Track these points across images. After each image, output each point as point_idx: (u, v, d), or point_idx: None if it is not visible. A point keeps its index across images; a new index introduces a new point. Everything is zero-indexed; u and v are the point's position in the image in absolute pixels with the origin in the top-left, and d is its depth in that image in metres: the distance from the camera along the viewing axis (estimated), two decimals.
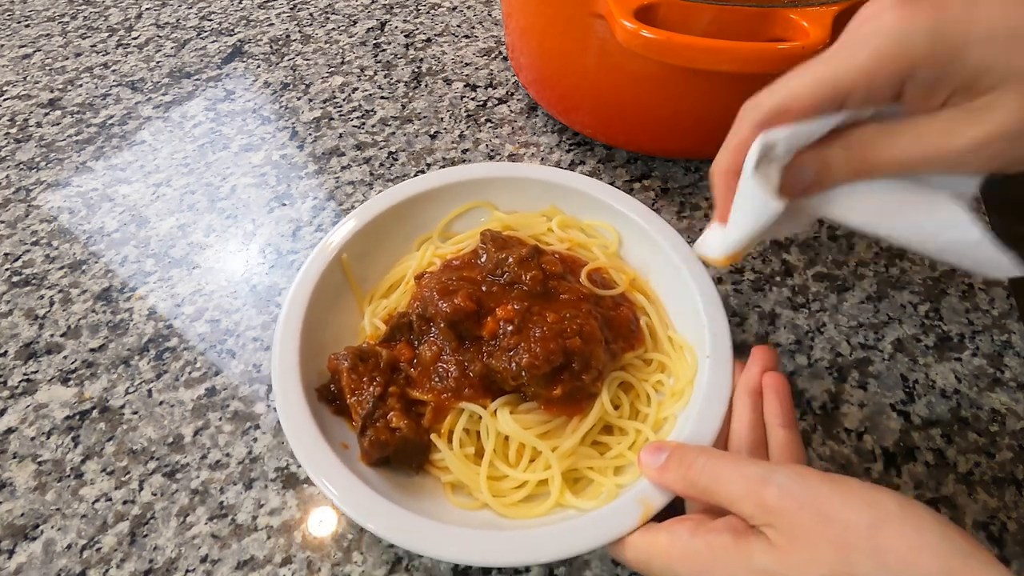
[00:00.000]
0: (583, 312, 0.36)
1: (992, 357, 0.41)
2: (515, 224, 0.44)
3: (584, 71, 0.46)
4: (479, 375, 0.35)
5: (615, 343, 0.37)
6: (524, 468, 0.34)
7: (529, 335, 0.34)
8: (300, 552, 0.35)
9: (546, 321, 0.35)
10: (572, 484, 0.34)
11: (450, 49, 0.64)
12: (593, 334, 0.35)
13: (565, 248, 0.42)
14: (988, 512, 0.35)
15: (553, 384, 0.34)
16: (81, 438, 0.39)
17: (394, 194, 0.43)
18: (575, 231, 0.44)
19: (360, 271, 0.41)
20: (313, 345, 0.36)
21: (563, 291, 0.37)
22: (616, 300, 0.40)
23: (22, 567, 0.34)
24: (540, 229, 0.44)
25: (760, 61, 0.36)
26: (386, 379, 0.35)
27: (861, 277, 0.45)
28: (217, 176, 0.54)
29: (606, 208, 0.43)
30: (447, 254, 0.42)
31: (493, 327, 0.35)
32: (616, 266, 0.42)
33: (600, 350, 0.35)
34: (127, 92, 0.61)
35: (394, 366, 0.36)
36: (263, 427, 0.39)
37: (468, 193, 0.44)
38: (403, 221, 0.43)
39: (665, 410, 0.36)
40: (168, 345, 0.43)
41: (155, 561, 0.34)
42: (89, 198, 0.52)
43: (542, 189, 0.44)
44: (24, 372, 0.42)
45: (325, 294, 0.39)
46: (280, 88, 0.61)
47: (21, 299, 0.46)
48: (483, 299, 0.36)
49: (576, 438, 0.34)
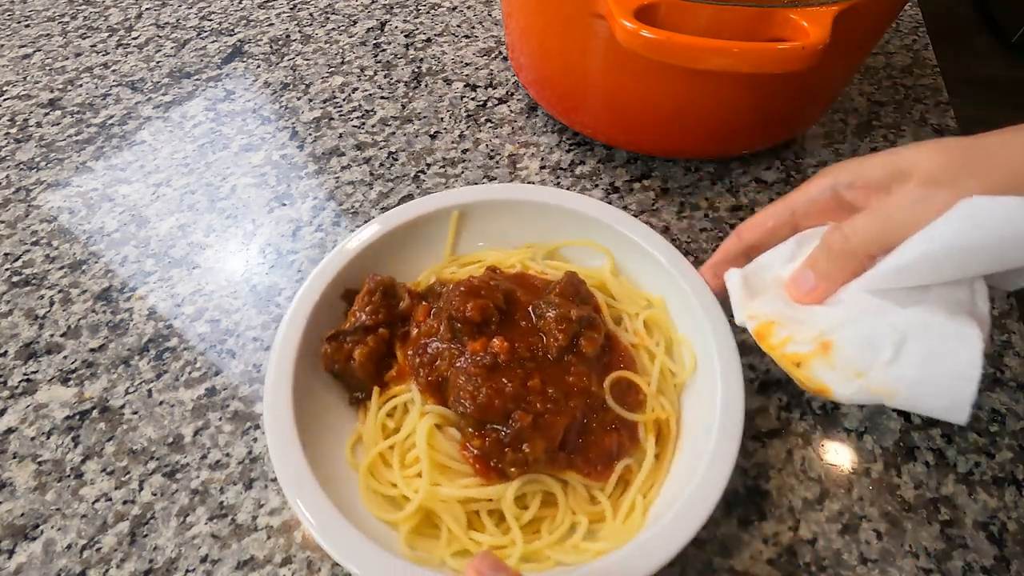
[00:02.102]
0: (567, 404, 0.33)
1: (992, 357, 0.41)
2: (614, 289, 0.40)
3: (584, 71, 0.46)
4: (438, 374, 0.34)
5: (575, 455, 0.33)
6: (406, 476, 0.33)
7: (493, 378, 0.33)
8: (300, 552, 0.35)
9: (522, 382, 0.33)
10: (426, 525, 0.33)
11: (450, 49, 0.64)
12: (549, 428, 0.32)
13: (631, 342, 0.38)
14: (988, 512, 0.35)
15: (477, 431, 0.33)
16: (81, 438, 0.39)
17: (538, 192, 0.43)
18: (660, 337, 0.39)
19: (465, 233, 0.43)
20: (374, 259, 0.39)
21: (574, 372, 0.34)
22: (618, 422, 0.35)
23: (22, 567, 0.34)
24: (629, 309, 0.40)
25: (760, 61, 0.36)
26: (387, 320, 0.37)
27: None
28: (217, 176, 0.54)
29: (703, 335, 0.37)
30: (532, 269, 0.41)
31: (477, 348, 0.34)
32: (658, 397, 0.36)
33: (540, 446, 0.32)
34: (127, 92, 0.61)
35: (405, 317, 0.38)
36: (263, 427, 0.39)
37: (601, 233, 0.42)
38: (533, 219, 0.43)
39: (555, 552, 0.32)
40: (168, 345, 0.43)
41: (155, 561, 0.34)
42: (89, 198, 0.52)
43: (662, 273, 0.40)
44: (24, 372, 0.42)
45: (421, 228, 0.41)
46: (280, 88, 0.61)
47: (21, 299, 0.46)
48: (501, 322, 0.35)
49: (457, 494, 0.32)
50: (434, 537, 0.33)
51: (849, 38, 0.38)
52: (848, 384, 0.30)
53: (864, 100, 0.57)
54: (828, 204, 0.33)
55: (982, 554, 0.34)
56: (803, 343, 0.31)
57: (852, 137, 0.55)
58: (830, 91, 0.49)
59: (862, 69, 0.60)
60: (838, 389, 0.30)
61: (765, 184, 0.51)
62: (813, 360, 0.31)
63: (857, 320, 0.30)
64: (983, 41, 1.89)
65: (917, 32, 0.64)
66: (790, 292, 0.34)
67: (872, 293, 0.30)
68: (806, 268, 0.33)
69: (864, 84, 0.59)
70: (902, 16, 0.65)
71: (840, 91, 0.52)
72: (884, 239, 0.30)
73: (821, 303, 0.33)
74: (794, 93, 0.46)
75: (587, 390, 0.34)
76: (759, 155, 0.53)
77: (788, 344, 0.32)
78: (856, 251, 0.31)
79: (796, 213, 0.34)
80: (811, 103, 0.49)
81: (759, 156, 0.53)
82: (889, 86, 0.59)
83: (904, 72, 0.60)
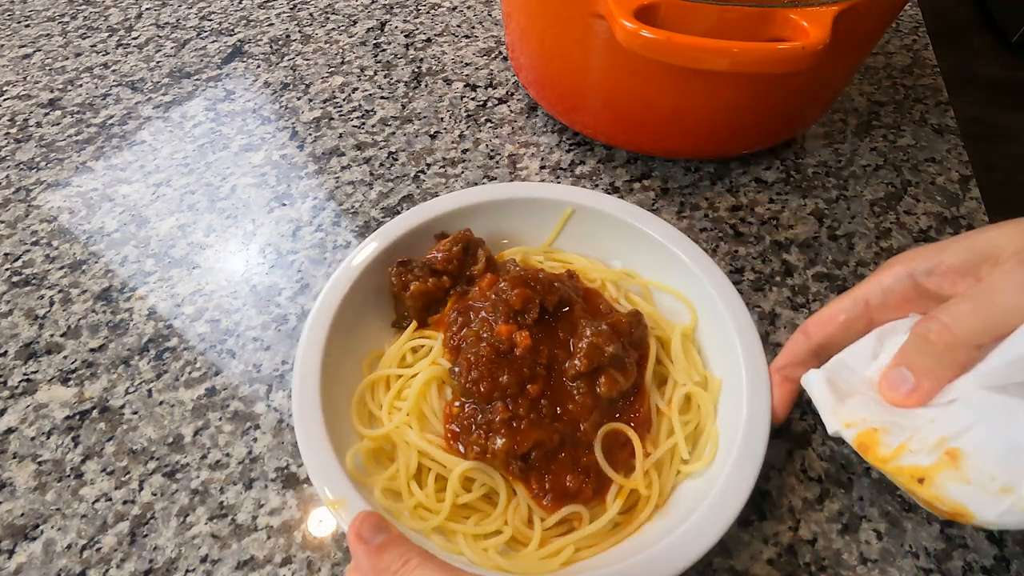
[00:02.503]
0: (550, 426, 0.33)
1: None
2: (677, 354, 0.38)
3: (584, 71, 0.46)
4: (460, 337, 0.36)
5: (532, 472, 0.33)
6: (392, 405, 0.36)
7: (500, 364, 0.33)
8: (300, 552, 0.35)
9: (521, 381, 0.33)
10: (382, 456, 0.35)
11: (450, 49, 0.64)
12: (518, 436, 0.32)
13: (661, 408, 0.36)
14: None
15: (461, 401, 0.34)
16: (81, 438, 0.39)
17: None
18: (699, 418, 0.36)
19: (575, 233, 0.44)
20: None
21: (578, 404, 0.34)
22: (594, 470, 0.33)
23: (22, 567, 0.34)
24: (680, 379, 0.37)
25: (760, 61, 0.36)
26: (455, 270, 0.40)
27: (861, 277, 0.45)
28: (217, 176, 0.54)
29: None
30: (608, 293, 0.41)
31: (503, 331, 0.34)
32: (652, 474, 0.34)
33: (502, 446, 0.32)
34: (127, 92, 0.61)
35: (473, 277, 0.40)
36: (263, 427, 0.39)
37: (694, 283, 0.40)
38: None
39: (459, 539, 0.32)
40: (168, 345, 0.43)
41: (155, 561, 0.34)
42: (89, 198, 0.52)
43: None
44: (24, 372, 0.42)
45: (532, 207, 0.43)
46: (280, 88, 0.61)
47: (21, 299, 0.46)
48: (538, 319, 0.35)
49: (417, 441, 0.34)
50: (383, 467, 0.35)
51: (849, 38, 0.38)
52: (995, 503, 0.25)
53: (864, 100, 0.57)
54: (906, 294, 0.31)
55: (982, 554, 0.34)
56: (922, 453, 0.27)
57: (852, 137, 0.55)
58: (830, 91, 0.49)
59: (862, 69, 0.60)
60: (981, 511, 0.25)
61: (765, 184, 0.51)
62: (941, 474, 0.26)
63: (986, 421, 0.26)
64: (983, 41, 1.89)
65: (917, 32, 0.64)
66: (884, 395, 0.30)
67: (992, 389, 0.26)
68: (899, 366, 0.29)
69: (864, 84, 0.59)
70: (902, 16, 0.65)
71: (840, 91, 0.52)
72: (991, 326, 0.26)
73: (924, 405, 0.28)
74: (794, 93, 0.46)
75: (577, 424, 0.33)
76: (759, 155, 0.53)
77: (903, 455, 0.27)
78: (961, 342, 0.27)
79: (871, 305, 0.32)
80: (811, 103, 0.49)
81: (759, 156, 0.53)
82: (889, 86, 0.59)
83: (904, 72, 0.60)
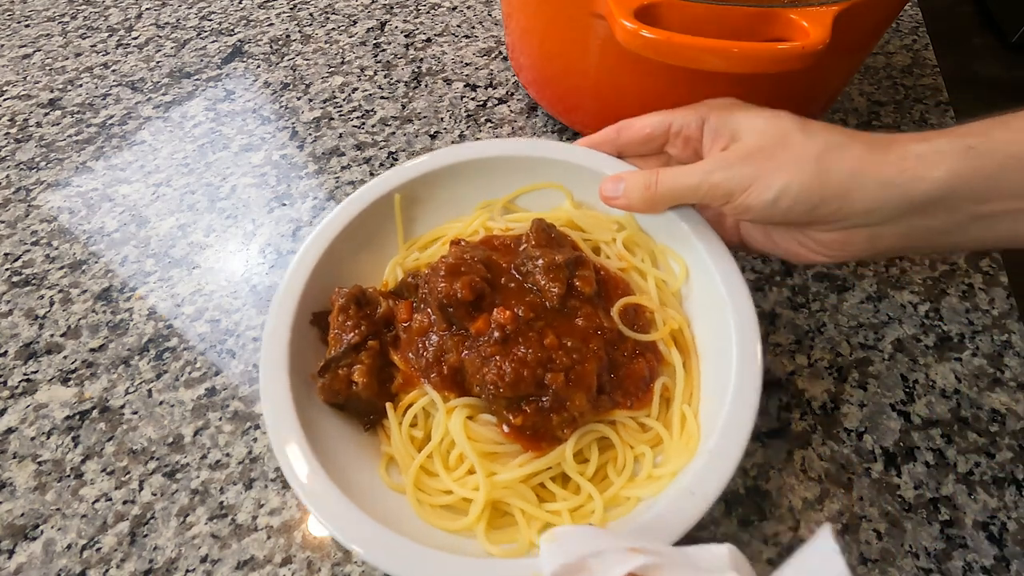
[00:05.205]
0: (589, 349, 0.33)
1: (992, 357, 0.41)
2: (581, 222, 0.40)
3: (584, 71, 0.46)
4: (451, 367, 0.33)
5: (613, 393, 0.34)
6: (457, 477, 0.32)
7: (512, 351, 0.32)
8: (300, 552, 0.35)
9: (539, 343, 0.32)
10: (497, 516, 0.32)
11: (450, 49, 0.64)
12: (583, 379, 0.32)
13: (618, 267, 0.38)
14: (988, 512, 0.35)
15: (516, 410, 0.32)
16: (81, 438, 0.39)
17: (476, 148, 0.41)
18: (642, 253, 0.39)
19: (413, 214, 0.41)
20: (331, 273, 0.37)
21: (582, 315, 0.34)
22: (639, 346, 0.35)
23: (22, 567, 0.34)
24: (604, 237, 0.40)
25: (760, 61, 0.36)
26: (371, 330, 0.35)
27: (861, 277, 0.45)
28: (217, 176, 0.54)
29: (685, 240, 0.37)
30: (495, 229, 0.40)
31: (482, 326, 0.33)
32: (664, 310, 0.36)
33: (582, 398, 0.32)
34: (127, 92, 0.61)
35: (388, 321, 0.36)
36: (263, 427, 0.39)
37: (549, 171, 0.41)
38: (477, 177, 0.41)
39: (631, 489, 0.32)
40: (168, 345, 0.43)
41: (155, 561, 0.34)
42: (89, 198, 0.52)
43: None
44: (24, 372, 0.42)
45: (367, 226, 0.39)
46: (280, 88, 0.61)
47: (21, 299, 0.46)
48: (492, 292, 0.34)
49: (517, 474, 0.32)
50: (510, 525, 0.32)
51: (849, 38, 0.38)
52: None
53: (864, 100, 0.57)
54: (694, 134, 0.36)
55: (982, 554, 0.34)
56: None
57: None
58: (830, 91, 0.49)
59: (862, 69, 0.60)
60: None
61: None
62: None
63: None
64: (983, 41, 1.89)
65: (917, 32, 0.64)
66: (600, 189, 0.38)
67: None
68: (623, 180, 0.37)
69: (864, 84, 0.59)
70: (902, 16, 0.65)
71: (840, 91, 0.52)
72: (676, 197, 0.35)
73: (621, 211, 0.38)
74: (794, 93, 0.46)
75: (601, 328, 0.34)
76: None
77: None
78: (658, 200, 0.35)
79: (671, 132, 0.37)
80: (811, 103, 0.49)
81: None
82: (889, 86, 0.59)
83: (904, 72, 0.60)
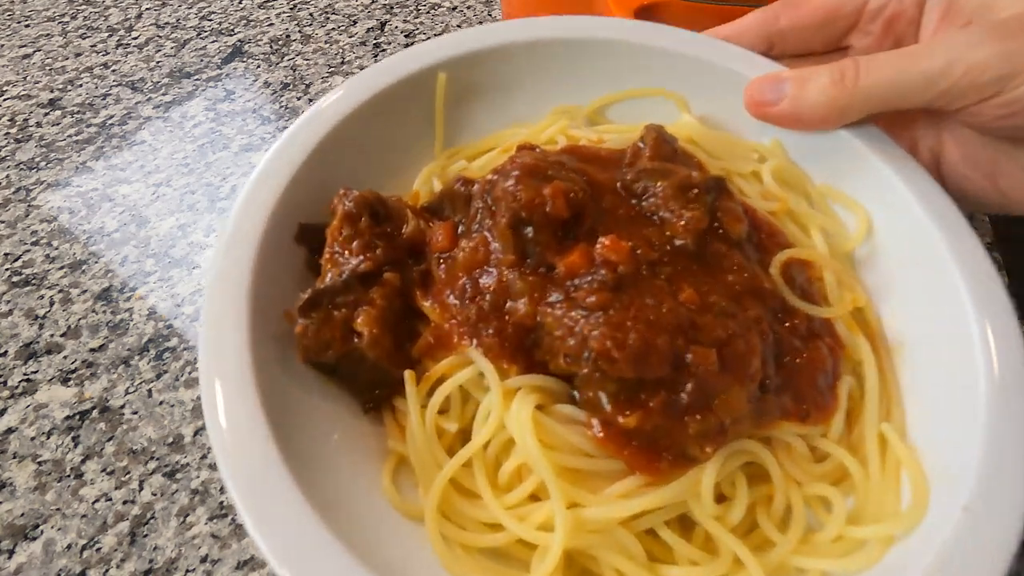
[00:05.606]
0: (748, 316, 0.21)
1: None
2: (707, 144, 0.28)
3: None
4: (518, 325, 0.21)
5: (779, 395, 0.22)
6: (513, 504, 0.21)
7: (629, 306, 0.20)
8: None
9: (672, 298, 0.20)
10: (572, 571, 0.21)
11: None
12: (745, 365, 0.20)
13: (769, 209, 0.26)
14: None
15: (629, 403, 0.20)
16: (81, 438, 0.39)
17: (559, 25, 0.28)
18: (798, 195, 0.27)
19: (457, 114, 0.28)
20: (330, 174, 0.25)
21: (730, 267, 0.22)
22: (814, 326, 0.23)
23: (22, 567, 0.34)
24: (741, 167, 0.27)
25: None
26: (391, 257, 0.23)
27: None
28: (217, 176, 0.54)
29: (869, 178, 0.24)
30: (581, 138, 0.28)
31: (579, 262, 0.21)
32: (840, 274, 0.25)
33: (740, 394, 0.20)
34: (127, 92, 0.61)
35: (416, 247, 0.24)
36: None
37: (658, 71, 0.29)
38: (554, 68, 0.29)
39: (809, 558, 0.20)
40: (168, 345, 0.43)
41: (155, 561, 0.34)
42: (89, 198, 0.53)
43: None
44: (24, 372, 0.42)
45: (390, 115, 0.26)
46: (280, 88, 0.61)
47: (21, 299, 0.46)
48: (590, 211, 0.22)
49: (616, 510, 0.20)
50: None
51: None
52: None
53: None
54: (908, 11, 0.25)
55: None
56: None
57: None
58: None
59: None
60: None
61: None
62: None
63: None
64: None
65: None
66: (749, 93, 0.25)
67: None
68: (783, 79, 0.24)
69: None
70: None
71: None
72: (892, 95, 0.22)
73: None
74: None
75: (760, 288, 0.22)
76: None
77: None
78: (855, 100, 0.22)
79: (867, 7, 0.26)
80: None
81: None
82: None
83: None
